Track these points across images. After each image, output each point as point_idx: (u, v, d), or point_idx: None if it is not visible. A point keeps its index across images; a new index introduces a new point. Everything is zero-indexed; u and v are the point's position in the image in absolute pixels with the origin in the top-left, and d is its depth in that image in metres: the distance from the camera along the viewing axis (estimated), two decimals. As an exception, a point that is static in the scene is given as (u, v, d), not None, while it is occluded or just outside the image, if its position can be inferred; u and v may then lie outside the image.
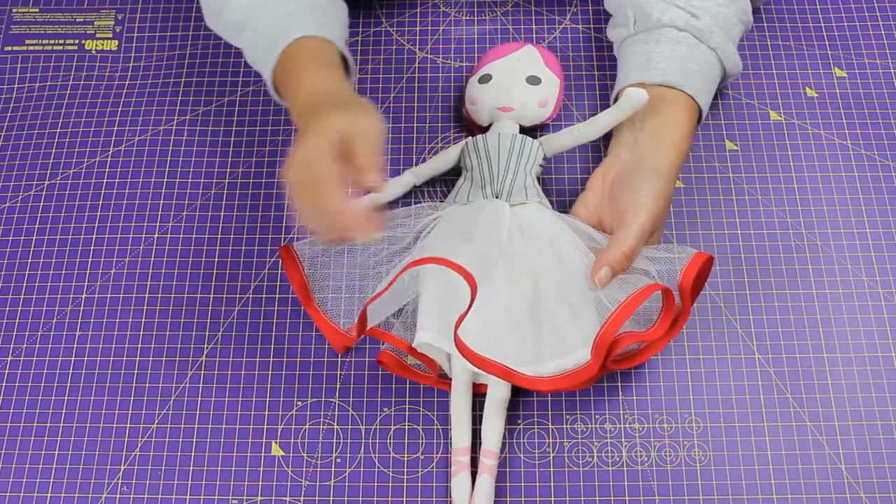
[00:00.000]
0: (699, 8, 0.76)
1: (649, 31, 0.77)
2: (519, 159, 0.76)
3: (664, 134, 0.73)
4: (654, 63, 0.76)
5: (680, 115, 0.74)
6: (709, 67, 0.76)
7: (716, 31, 0.76)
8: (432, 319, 0.69)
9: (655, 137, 0.73)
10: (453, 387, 0.72)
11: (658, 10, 0.77)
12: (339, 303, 0.75)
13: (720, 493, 0.71)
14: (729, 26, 0.77)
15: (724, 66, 0.78)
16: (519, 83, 0.80)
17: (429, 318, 0.69)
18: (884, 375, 0.75)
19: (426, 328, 0.69)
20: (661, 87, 0.75)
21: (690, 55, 0.75)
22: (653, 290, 0.67)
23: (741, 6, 0.78)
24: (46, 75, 0.91)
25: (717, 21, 0.76)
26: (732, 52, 0.77)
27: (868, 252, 0.79)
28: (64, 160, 0.86)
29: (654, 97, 0.74)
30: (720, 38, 0.76)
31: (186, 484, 0.73)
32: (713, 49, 0.76)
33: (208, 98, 0.88)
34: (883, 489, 0.71)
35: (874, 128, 0.85)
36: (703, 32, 0.76)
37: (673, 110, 0.74)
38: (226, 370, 0.76)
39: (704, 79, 0.76)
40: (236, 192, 0.84)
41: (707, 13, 0.76)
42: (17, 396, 0.76)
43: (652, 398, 0.74)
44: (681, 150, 0.73)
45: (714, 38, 0.76)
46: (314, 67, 0.71)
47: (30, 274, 0.81)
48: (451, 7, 0.93)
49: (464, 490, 0.69)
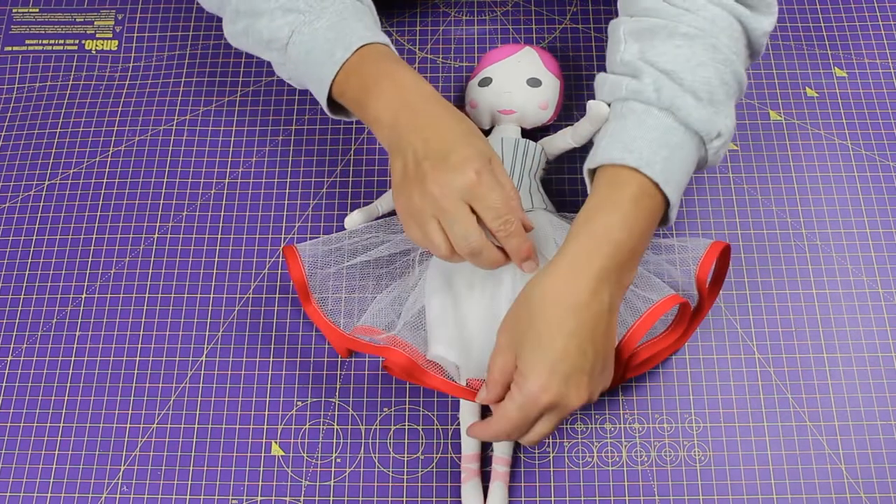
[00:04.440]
0: (644, 63, 0.66)
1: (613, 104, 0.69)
2: (523, 164, 0.76)
3: (591, 224, 0.62)
4: (597, 143, 0.67)
5: (618, 196, 0.63)
6: (664, 132, 0.64)
7: (664, 87, 0.64)
8: (443, 333, 0.69)
9: (581, 228, 0.63)
10: None
11: (609, 81, 0.69)
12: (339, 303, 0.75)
13: (720, 493, 0.71)
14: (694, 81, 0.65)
15: (691, 125, 0.65)
16: (519, 85, 0.80)
17: (440, 331, 0.69)
18: (884, 375, 0.75)
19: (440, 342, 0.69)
20: (607, 169, 0.65)
21: (638, 123, 0.65)
22: (672, 303, 0.66)
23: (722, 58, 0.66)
24: (46, 75, 0.91)
25: (670, 76, 0.65)
26: (693, 107, 0.64)
27: (868, 252, 0.79)
28: (64, 160, 0.86)
29: (595, 184, 0.65)
30: (671, 93, 0.64)
31: (186, 484, 0.73)
32: (666, 110, 0.65)
33: (208, 98, 0.88)
34: (883, 489, 0.71)
35: (874, 128, 0.85)
36: (646, 93, 0.65)
37: (609, 191, 0.63)
38: (226, 370, 0.76)
39: (657, 145, 0.64)
40: (236, 192, 0.84)
41: (653, 69, 0.65)
42: (17, 396, 0.76)
43: (652, 398, 0.74)
44: (618, 243, 0.61)
45: (664, 97, 0.64)
46: (395, 69, 0.69)
47: (30, 274, 0.81)
48: (451, 7, 0.93)
49: (474, 497, 0.69)
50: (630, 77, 0.67)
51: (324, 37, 0.70)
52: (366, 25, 0.71)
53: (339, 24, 0.70)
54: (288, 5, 0.70)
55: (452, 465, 0.72)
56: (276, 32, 0.71)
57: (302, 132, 0.86)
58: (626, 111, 0.66)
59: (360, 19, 0.71)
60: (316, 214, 0.82)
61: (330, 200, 0.83)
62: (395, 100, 0.67)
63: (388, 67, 0.68)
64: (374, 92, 0.68)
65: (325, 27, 0.70)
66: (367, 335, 0.70)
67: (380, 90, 0.67)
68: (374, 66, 0.69)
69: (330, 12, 0.70)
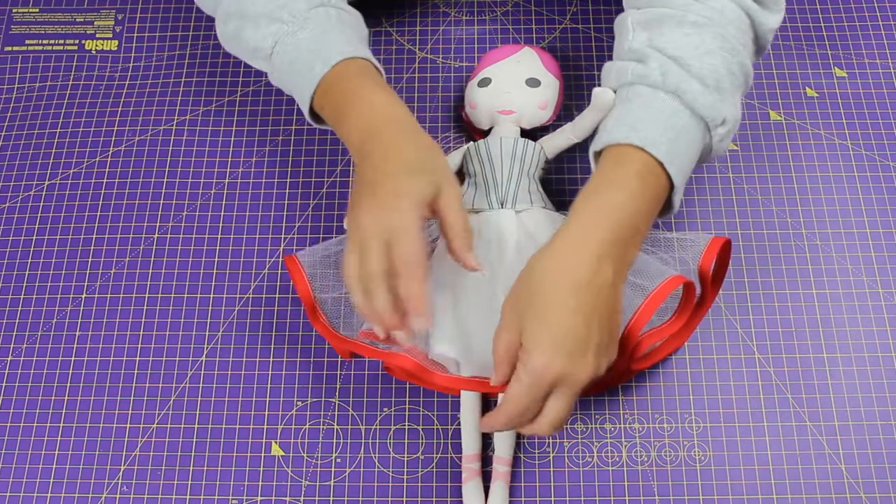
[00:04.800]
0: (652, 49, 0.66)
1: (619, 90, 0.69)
2: (522, 164, 0.76)
3: (595, 198, 0.62)
4: (602, 127, 0.67)
5: (622, 173, 0.63)
6: (670, 115, 0.64)
7: (671, 71, 0.65)
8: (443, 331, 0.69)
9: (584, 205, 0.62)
10: (463, 393, 0.72)
11: (615, 68, 0.69)
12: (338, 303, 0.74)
13: (720, 493, 0.71)
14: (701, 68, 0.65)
15: (697, 111, 0.65)
16: (518, 86, 0.80)
17: (440, 329, 0.69)
18: (884, 375, 0.75)
19: (440, 341, 0.69)
20: (612, 149, 0.65)
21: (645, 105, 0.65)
22: (677, 283, 0.65)
23: None
24: (46, 75, 0.91)
25: (678, 61, 0.65)
26: (700, 92, 0.64)
27: (868, 252, 0.79)
28: (64, 160, 0.86)
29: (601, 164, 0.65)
30: (677, 77, 0.65)
31: (186, 484, 0.73)
32: (672, 93, 0.65)
33: (208, 98, 0.88)
34: (883, 489, 0.71)
35: (874, 128, 0.85)
36: (652, 77, 0.65)
37: (614, 169, 0.63)
38: (226, 370, 0.76)
39: (663, 127, 0.64)
40: (236, 192, 0.84)
41: (660, 54, 0.66)
42: (17, 396, 0.76)
43: (652, 398, 0.74)
44: (621, 219, 0.61)
45: (670, 81, 0.65)
46: (369, 89, 0.68)
47: (30, 274, 0.81)
48: (451, 7, 0.93)
49: (475, 496, 0.69)
50: (636, 62, 0.67)
51: (306, 48, 0.70)
52: (347, 39, 0.71)
53: (321, 37, 0.70)
54: (273, 14, 0.71)
55: (452, 465, 0.72)
56: (260, 42, 0.72)
57: (302, 132, 0.86)
58: (631, 95, 0.66)
59: (342, 31, 0.71)
60: (316, 214, 0.82)
61: (330, 200, 0.83)
62: (362, 121, 0.67)
63: (362, 87, 0.68)
64: (345, 111, 0.68)
65: (307, 38, 0.70)
66: (369, 339, 0.70)
67: (350, 109, 0.68)
68: (348, 84, 0.69)
69: (313, 23, 0.71)
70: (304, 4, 0.71)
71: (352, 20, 0.74)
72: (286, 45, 0.70)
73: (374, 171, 0.65)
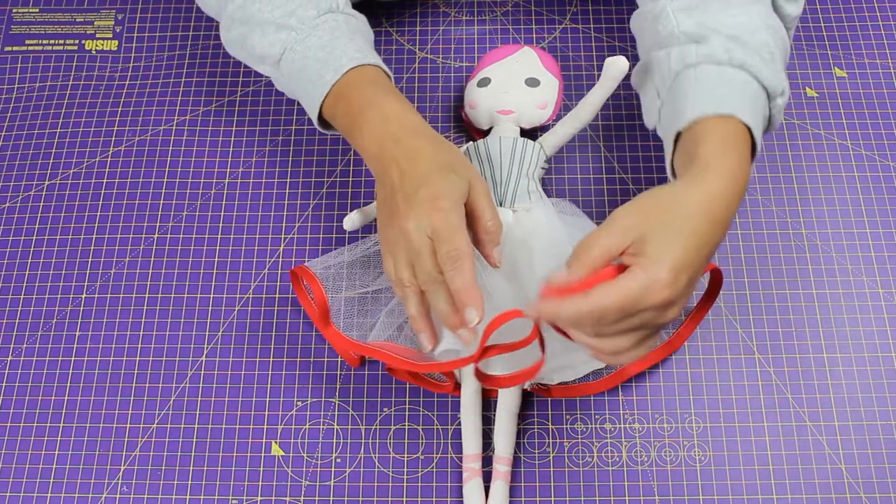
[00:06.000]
0: (709, 30, 0.67)
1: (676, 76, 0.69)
2: (521, 163, 0.76)
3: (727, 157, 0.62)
4: (676, 110, 0.66)
5: (732, 138, 0.63)
6: (743, 85, 0.66)
7: (733, 48, 0.66)
8: None
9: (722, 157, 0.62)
10: (463, 393, 0.72)
11: (672, 54, 0.69)
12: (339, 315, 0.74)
13: (720, 493, 0.71)
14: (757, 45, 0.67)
15: (762, 81, 0.66)
16: (518, 86, 0.80)
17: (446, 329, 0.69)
18: (884, 375, 0.75)
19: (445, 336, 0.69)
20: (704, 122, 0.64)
21: (721, 80, 0.66)
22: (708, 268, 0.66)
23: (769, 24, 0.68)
24: (46, 75, 0.91)
25: (736, 39, 0.67)
26: (762, 63, 0.66)
27: (868, 252, 0.79)
28: (64, 160, 0.86)
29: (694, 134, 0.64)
30: (741, 52, 0.66)
31: (186, 484, 0.73)
32: (739, 67, 0.66)
33: (208, 98, 0.89)
34: (883, 489, 0.71)
35: (874, 128, 0.85)
36: (718, 55, 0.66)
37: (724, 135, 0.63)
38: (226, 370, 0.76)
39: (741, 96, 0.65)
40: (236, 192, 0.84)
41: (719, 34, 0.67)
42: (17, 396, 0.76)
43: (652, 398, 0.74)
44: (746, 178, 0.62)
45: (735, 56, 0.66)
46: (382, 98, 0.68)
47: (30, 274, 0.81)
48: (451, 7, 0.93)
49: (476, 496, 0.69)
50: (696, 43, 0.67)
51: (315, 56, 0.70)
52: (357, 46, 0.71)
53: (330, 44, 0.70)
54: (281, 21, 0.71)
55: (453, 465, 0.72)
56: (268, 49, 0.72)
57: (302, 132, 0.86)
58: (699, 75, 0.66)
59: (351, 38, 0.71)
60: (316, 214, 0.82)
61: (330, 200, 0.83)
62: (379, 130, 0.67)
63: (375, 95, 0.69)
64: (360, 122, 0.68)
65: (316, 46, 0.70)
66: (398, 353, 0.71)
67: (364, 120, 0.68)
68: (360, 92, 0.69)
69: (322, 30, 0.70)
70: (312, 11, 0.71)
71: (360, 25, 0.74)
72: (295, 52, 0.70)
73: (403, 176, 0.65)
